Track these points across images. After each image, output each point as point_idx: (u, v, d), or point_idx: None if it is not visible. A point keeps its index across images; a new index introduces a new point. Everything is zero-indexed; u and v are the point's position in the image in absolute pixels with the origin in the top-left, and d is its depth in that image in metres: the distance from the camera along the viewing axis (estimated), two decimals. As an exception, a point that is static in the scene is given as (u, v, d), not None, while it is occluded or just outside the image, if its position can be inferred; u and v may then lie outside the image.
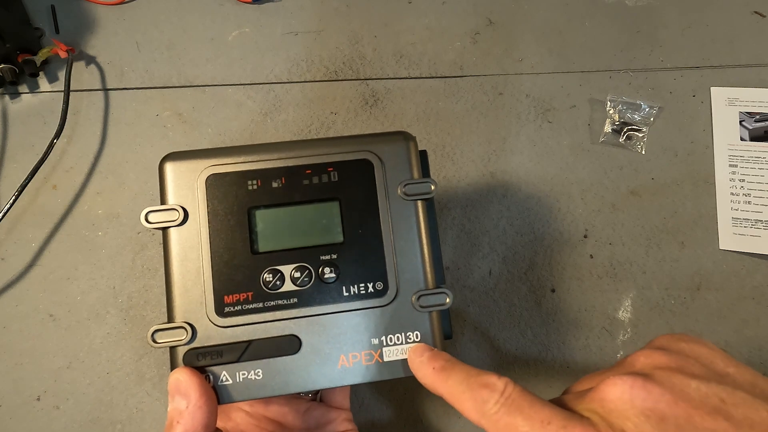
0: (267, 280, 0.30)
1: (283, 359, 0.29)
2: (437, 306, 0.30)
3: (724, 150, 0.51)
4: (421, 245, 0.31)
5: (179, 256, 0.30)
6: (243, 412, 0.35)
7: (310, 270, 0.30)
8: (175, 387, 0.27)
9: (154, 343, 0.29)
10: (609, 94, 0.52)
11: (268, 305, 0.30)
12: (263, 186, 0.31)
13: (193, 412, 0.26)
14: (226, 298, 0.30)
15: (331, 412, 0.36)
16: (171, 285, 0.30)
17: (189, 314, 0.29)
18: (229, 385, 0.29)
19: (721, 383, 0.21)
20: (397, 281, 0.31)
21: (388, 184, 0.32)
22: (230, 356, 0.29)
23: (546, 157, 0.51)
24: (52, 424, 0.42)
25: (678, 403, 0.20)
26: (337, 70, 0.53)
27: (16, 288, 0.45)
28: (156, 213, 0.30)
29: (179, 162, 0.31)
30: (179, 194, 0.31)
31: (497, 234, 0.48)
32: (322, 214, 0.31)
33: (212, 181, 0.31)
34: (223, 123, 0.50)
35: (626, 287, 0.48)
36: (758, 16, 0.56)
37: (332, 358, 0.29)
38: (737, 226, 0.49)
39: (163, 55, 0.52)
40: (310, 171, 0.31)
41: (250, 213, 0.31)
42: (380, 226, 0.31)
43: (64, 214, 0.47)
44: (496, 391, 0.23)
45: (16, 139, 0.48)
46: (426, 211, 0.32)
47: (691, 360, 0.23)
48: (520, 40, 0.55)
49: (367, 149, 0.32)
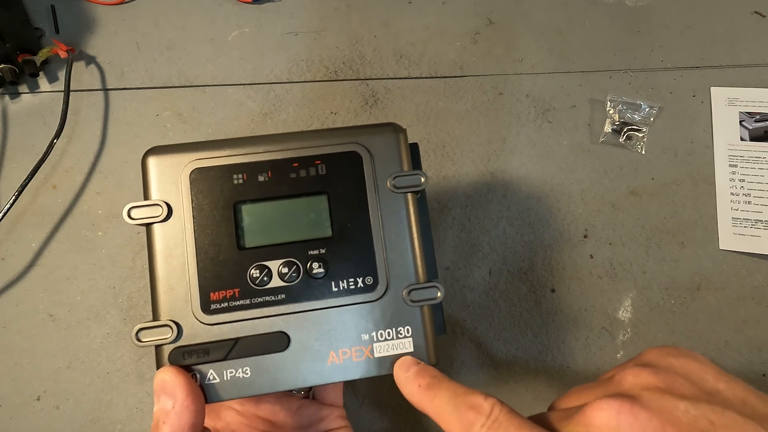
0: (254, 276, 0.29)
1: (272, 356, 0.29)
2: (428, 300, 0.30)
3: (724, 150, 0.51)
4: (412, 239, 0.31)
5: (163, 253, 0.29)
6: (233, 411, 0.34)
7: (298, 265, 0.30)
8: (161, 387, 0.27)
9: (138, 342, 0.28)
10: (609, 94, 0.52)
11: (256, 302, 0.29)
12: (249, 180, 0.30)
13: (179, 412, 0.26)
14: (212, 295, 0.29)
15: (323, 409, 0.36)
16: (155, 282, 0.29)
17: (174, 312, 0.29)
18: (216, 384, 0.28)
19: (710, 403, 0.21)
20: (387, 276, 0.30)
21: (377, 176, 0.31)
22: (217, 354, 0.28)
23: (546, 157, 0.51)
24: (52, 424, 0.42)
25: (665, 428, 0.20)
26: (337, 70, 0.53)
27: (16, 288, 0.45)
28: (139, 209, 0.29)
29: (162, 156, 0.30)
30: (163, 189, 0.30)
31: (497, 234, 0.48)
32: (310, 208, 0.31)
33: (197, 176, 0.30)
34: (223, 123, 0.50)
35: (626, 287, 0.47)
36: (758, 16, 0.56)
37: (322, 355, 0.29)
38: (737, 226, 0.49)
39: (163, 55, 0.52)
40: (297, 164, 0.31)
41: (236, 208, 0.30)
42: (369, 220, 0.30)
43: (64, 214, 0.47)
44: (482, 413, 0.23)
45: (16, 139, 0.48)
46: (416, 204, 0.31)
47: (680, 378, 0.22)
48: (520, 40, 0.55)
49: (355, 141, 0.31)
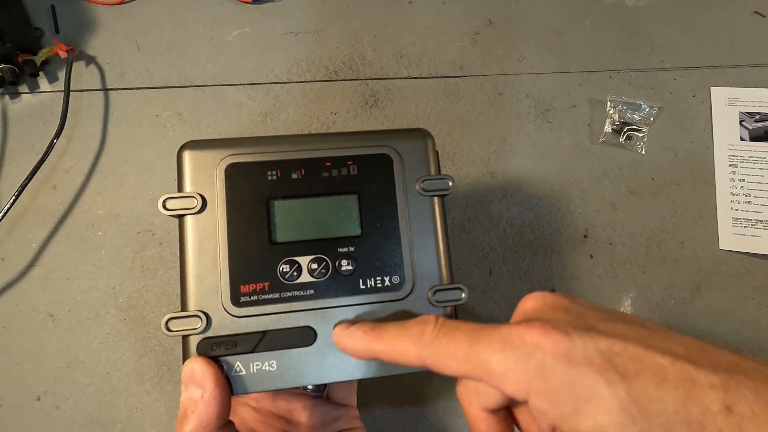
0: (284, 270, 0.30)
1: (298, 351, 0.29)
2: (453, 301, 0.30)
3: (724, 150, 0.51)
4: (437, 241, 0.31)
5: (195, 244, 0.30)
6: (249, 407, 0.34)
7: (327, 262, 0.30)
8: (190, 376, 0.27)
9: (168, 331, 0.28)
10: (609, 94, 0.52)
11: (285, 296, 0.29)
12: (283, 177, 0.31)
13: (207, 402, 0.26)
14: (242, 287, 0.29)
15: (338, 409, 0.36)
16: (186, 273, 0.29)
17: (204, 303, 0.29)
18: (243, 376, 0.28)
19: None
20: (414, 276, 0.31)
21: (407, 179, 0.32)
22: (245, 347, 0.28)
23: (546, 157, 0.51)
24: (52, 424, 0.42)
25: (575, 300, 0.25)
26: (337, 70, 0.53)
27: (16, 288, 0.45)
28: (174, 200, 0.30)
29: (198, 150, 0.31)
30: (198, 182, 0.30)
31: (497, 234, 0.48)
32: (340, 207, 0.31)
33: (231, 171, 0.31)
34: (223, 123, 0.50)
35: (626, 287, 0.47)
36: (758, 16, 0.56)
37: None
38: (737, 226, 0.49)
39: (163, 55, 0.52)
40: (329, 164, 0.31)
41: (268, 203, 0.30)
42: (398, 221, 0.31)
43: (64, 214, 0.47)
44: (429, 322, 0.24)
45: (16, 139, 0.48)
46: (442, 207, 0.32)
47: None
48: (520, 40, 0.55)
49: (386, 144, 0.32)
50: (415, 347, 0.24)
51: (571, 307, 0.24)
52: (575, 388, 0.20)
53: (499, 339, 0.22)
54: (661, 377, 0.20)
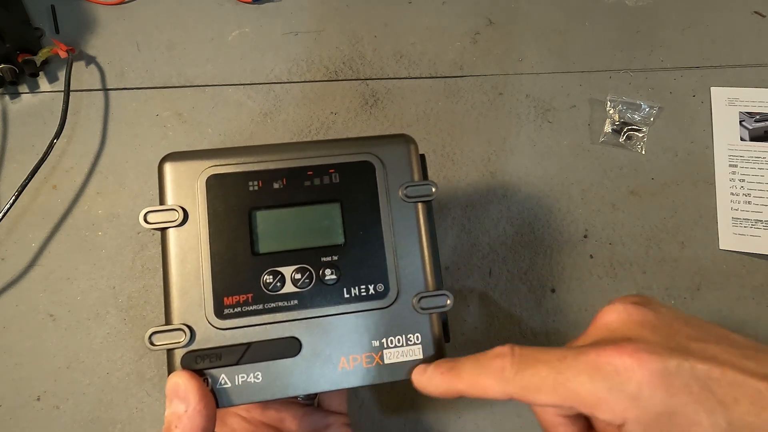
0: (267, 281, 0.30)
1: (283, 362, 0.29)
2: (438, 308, 0.30)
3: (724, 150, 0.51)
4: (422, 247, 0.31)
5: (178, 257, 0.30)
6: (239, 418, 0.34)
7: (310, 271, 0.30)
8: (174, 391, 0.27)
9: (151, 345, 0.28)
10: (609, 94, 0.52)
11: (268, 307, 0.29)
12: (264, 187, 0.31)
13: (192, 416, 0.26)
14: (226, 299, 0.29)
15: (328, 417, 0.36)
16: (169, 286, 0.29)
17: (187, 316, 0.29)
18: (228, 389, 0.28)
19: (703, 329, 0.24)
20: (398, 283, 0.30)
21: (390, 186, 0.31)
22: (229, 359, 0.28)
23: (546, 157, 0.51)
24: (52, 424, 0.42)
25: (659, 313, 0.24)
26: (337, 70, 0.53)
27: (16, 288, 0.45)
28: (155, 213, 0.30)
29: (179, 162, 0.31)
30: (179, 194, 0.30)
31: (497, 234, 0.48)
32: (323, 216, 0.31)
33: (213, 182, 0.31)
34: (223, 123, 0.50)
35: (626, 287, 0.47)
36: (758, 16, 0.56)
37: (333, 361, 0.29)
38: (737, 226, 0.49)
39: (163, 55, 0.52)
40: (311, 172, 0.31)
41: (251, 214, 0.30)
42: (381, 228, 0.31)
43: (64, 214, 0.47)
44: (506, 355, 0.24)
45: (16, 139, 0.48)
46: (426, 213, 0.32)
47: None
48: (520, 40, 0.55)
49: (368, 151, 0.32)
50: (498, 384, 0.24)
51: (658, 323, 0.23)
52: (674, 418, 0.20)
53: (587, 367, 0.22)
54: (760, 405, 0.19)
